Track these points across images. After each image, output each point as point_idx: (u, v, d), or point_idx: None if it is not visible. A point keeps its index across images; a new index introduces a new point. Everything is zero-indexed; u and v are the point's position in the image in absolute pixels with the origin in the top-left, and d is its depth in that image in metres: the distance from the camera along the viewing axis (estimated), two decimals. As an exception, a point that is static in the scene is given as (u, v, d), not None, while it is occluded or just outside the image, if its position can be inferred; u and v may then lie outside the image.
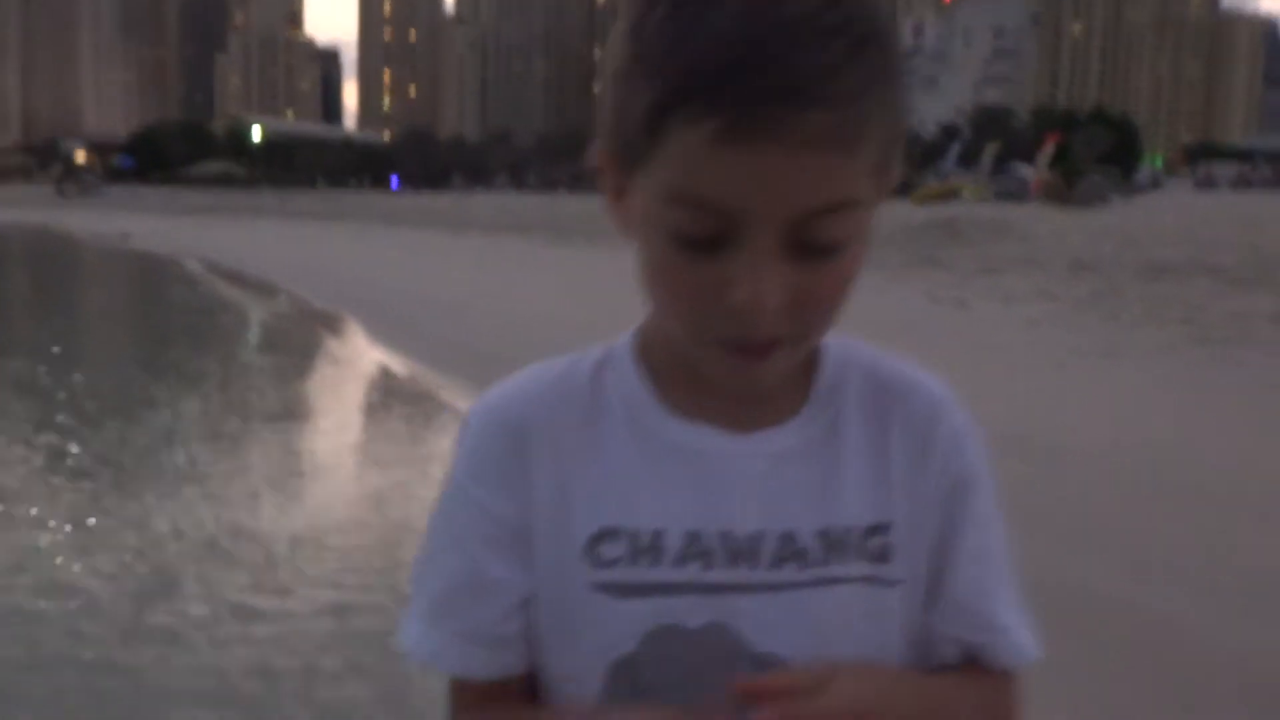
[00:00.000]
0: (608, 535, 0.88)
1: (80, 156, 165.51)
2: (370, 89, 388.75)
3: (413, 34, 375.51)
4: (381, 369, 10.79)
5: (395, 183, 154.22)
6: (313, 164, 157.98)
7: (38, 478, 6.78)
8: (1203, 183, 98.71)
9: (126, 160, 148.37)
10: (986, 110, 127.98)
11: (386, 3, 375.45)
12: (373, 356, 11.63)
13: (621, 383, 0.92)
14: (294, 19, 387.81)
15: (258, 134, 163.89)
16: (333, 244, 30.01)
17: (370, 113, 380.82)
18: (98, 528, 5.68)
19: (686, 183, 0.77)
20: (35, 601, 4.62)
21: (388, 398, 9.61)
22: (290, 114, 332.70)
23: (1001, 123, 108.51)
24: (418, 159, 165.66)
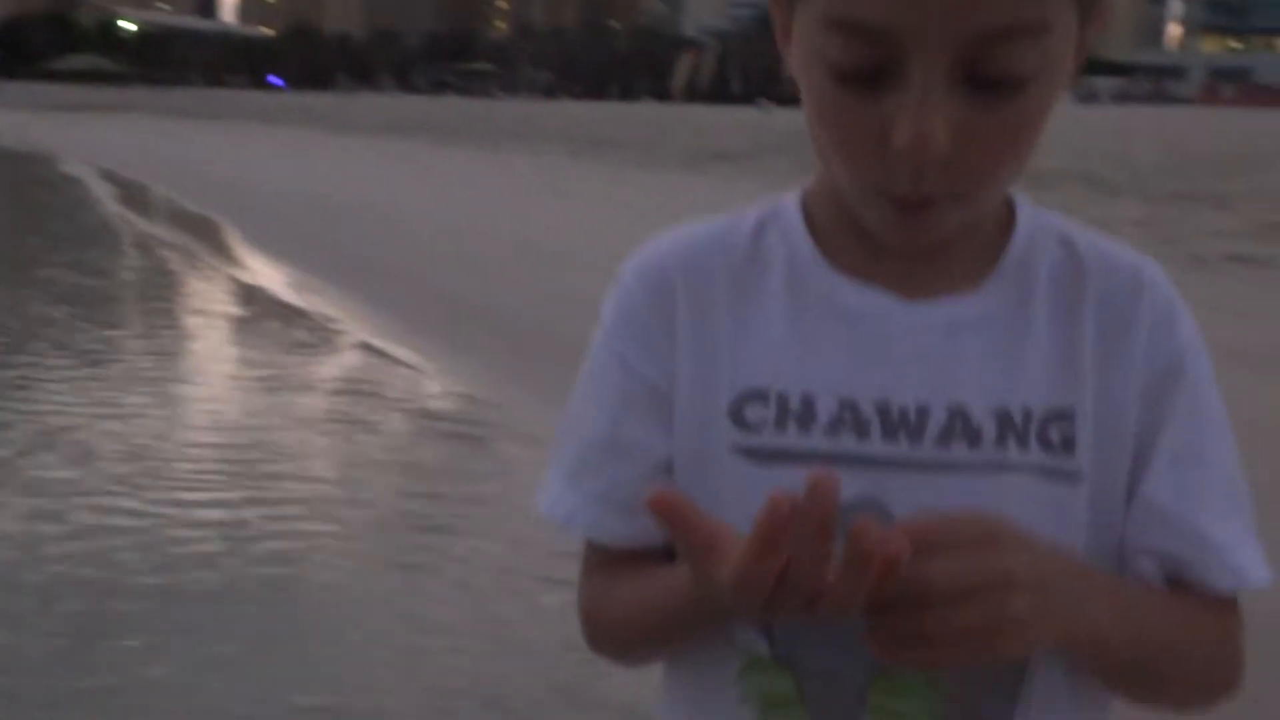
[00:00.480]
0: (755, 397, 0.81)
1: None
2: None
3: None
4: (249, 279, 10.46)
5: (277, 81, 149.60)
6: (189, 59, 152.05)
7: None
8: (1085, 97, 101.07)
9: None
10: None
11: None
12: (245, 263, 11.26)
13: (785, 240, 0.85)
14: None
15: (129, 27, 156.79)
16: (207, 143, 29.14)
17: (252, 5, 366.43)
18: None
19: (845, 5, 0.69)
20: None
21: (251, 308, 9.25)
22: (167, 6, 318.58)
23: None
24: (301, 57, 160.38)
